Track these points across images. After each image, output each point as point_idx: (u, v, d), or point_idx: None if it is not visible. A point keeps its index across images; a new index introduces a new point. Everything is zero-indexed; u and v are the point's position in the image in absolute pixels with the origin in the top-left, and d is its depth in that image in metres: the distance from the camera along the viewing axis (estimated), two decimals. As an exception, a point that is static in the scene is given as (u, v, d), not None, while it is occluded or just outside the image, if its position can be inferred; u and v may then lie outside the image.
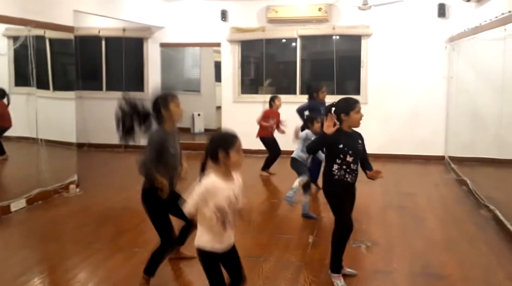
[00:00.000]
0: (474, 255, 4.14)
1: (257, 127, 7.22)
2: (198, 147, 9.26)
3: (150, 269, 3.43)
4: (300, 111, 6.33)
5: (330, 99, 6.49)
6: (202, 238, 2.61)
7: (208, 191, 2.52)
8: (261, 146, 7.44)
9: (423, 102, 8.18)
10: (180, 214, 3.72)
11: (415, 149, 8.24)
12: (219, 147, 2.53)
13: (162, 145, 3.33)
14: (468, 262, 3.97)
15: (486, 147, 6.15)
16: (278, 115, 7.16)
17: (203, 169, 2.60)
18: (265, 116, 7.14)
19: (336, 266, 3.54)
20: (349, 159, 3.39)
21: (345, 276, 3.58)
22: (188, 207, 2.55)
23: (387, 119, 8.24)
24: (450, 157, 7.75)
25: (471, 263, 3.96)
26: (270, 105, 7.15)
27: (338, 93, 8.34)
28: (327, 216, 5.09)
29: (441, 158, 8.10)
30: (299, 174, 5.09)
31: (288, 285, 3.55)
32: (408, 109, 8.19)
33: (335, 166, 3.41)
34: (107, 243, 4.37)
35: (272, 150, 7.17)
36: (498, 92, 5.50)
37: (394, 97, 8.23)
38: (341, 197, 3.47)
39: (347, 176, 3.41)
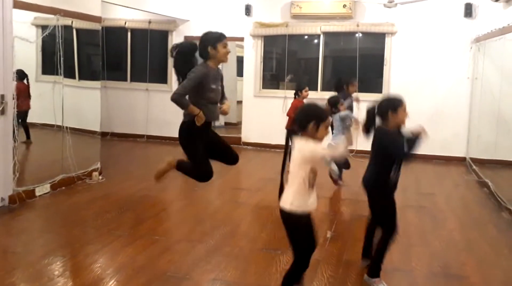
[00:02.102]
0: (494, 257, 4.10)
1: (277, 123, 7.19)
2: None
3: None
4: None
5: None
6: (295, 203, 2.73)
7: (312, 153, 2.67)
8: (281, 141, 7.41)
9: (446, 102, 8.09)
10: (219, 154, 3.76)
11: (436, 149, 8.14)
12: (312, 119, 2.64)
13: (202, 80, 3.39)
14: (488, 264, 3.93)
15: (510, 149, 6.07)
16: None
17: (289, 136, 2.77)
18: (295, 107, 6.78)
19: (377, 270, 3.41)
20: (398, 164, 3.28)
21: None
22: (337, 147, 2.70)
23: (409, 119, 8.15)
24: (471, 158, 7.66)
25: (491, 265, 3.93)
26: (298, 95, 6.92)
27: (360, 91, 8.28)
28: (346, 212, 5.10)
29: (462, 159, 8.00)
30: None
31: (306, 279, 3.54)
32: (431, 109, 8.10)
33: (393, 171, 3.29)
34: (128, 230, 4.44)
35: None
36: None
37: (416, 96, 8.12)
38: (393, 200, 3.40)
39: (397, 178, 3.35)
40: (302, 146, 2.67)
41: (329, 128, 2.80)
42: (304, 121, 2.66)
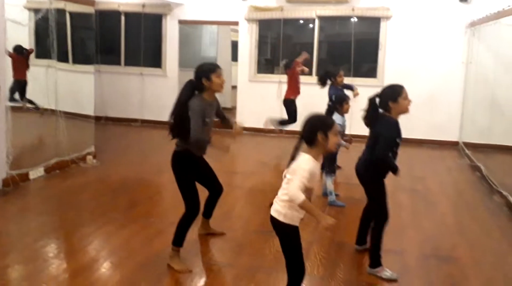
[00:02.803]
0: (485, 239, 4.15)
1: (271, 107, 7.21)
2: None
3: (178, 240, 3.44)
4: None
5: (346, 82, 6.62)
6: (288, 215, 2.65)
7: (311, 175, 2.54)
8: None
9: (440, 86, 8.11)
10: (207, 183, 3.77)
11: (429, 133, 8.19)
12: (319, 130, 2.55)
13: (202, 113, 3.35)
14: (479, 247, 3.99)
15: (503, 134, 6.12)
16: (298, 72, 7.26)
17: (296, 150, 2.64)
18: (292, 76, 7.24)
19: (378, 260, 3.40)
20: (396, 151, 3.30)
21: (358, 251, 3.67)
22: (300, 196, 2.50)
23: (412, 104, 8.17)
24: (464, 143, 7.71)
25: (482, 247, 3.98)
26: (289, 67, 7.25)
27: (354, 76, 8.31)
28: (339, 194, 5.12)
29: (455, 143, 8.05)
30: (330, 169, 4.95)
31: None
32: (425, 94, 8.10)
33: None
34: (122, 213, 4.46)
35: (291, 117, 7.18)
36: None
37: (411, 81, 7.99)
38: (384, 186, 3.41)
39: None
40: (297, 166, 2.57)
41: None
42: (311, 134, 2.56)
